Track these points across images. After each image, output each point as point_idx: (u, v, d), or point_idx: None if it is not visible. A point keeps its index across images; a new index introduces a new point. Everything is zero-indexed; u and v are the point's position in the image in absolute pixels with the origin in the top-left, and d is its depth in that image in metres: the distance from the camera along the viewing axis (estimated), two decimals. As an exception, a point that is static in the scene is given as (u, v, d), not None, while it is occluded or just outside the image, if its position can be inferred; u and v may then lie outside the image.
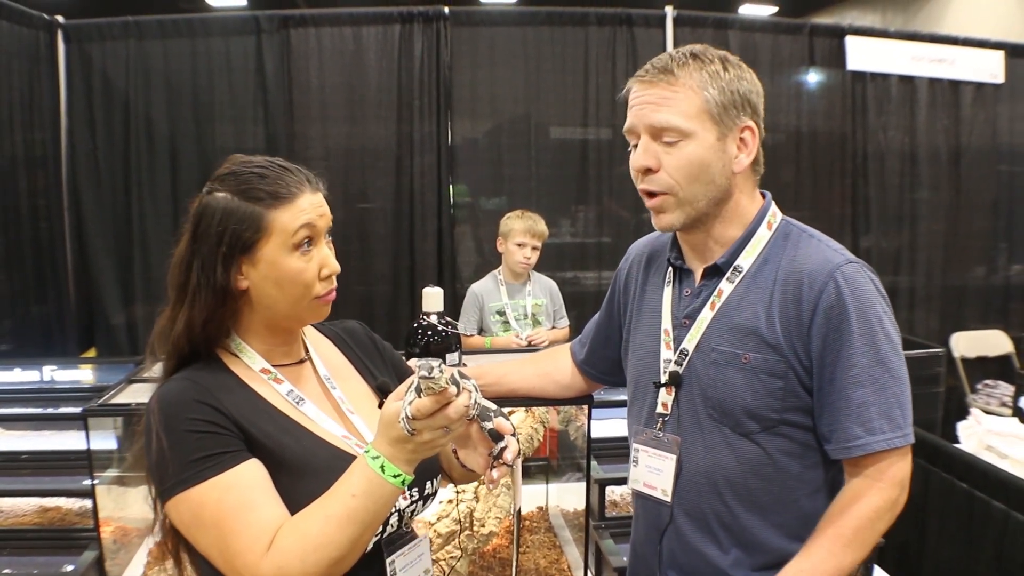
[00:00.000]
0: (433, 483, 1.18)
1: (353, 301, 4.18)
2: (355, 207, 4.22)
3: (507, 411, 1.13)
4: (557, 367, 1.61)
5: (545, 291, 3.37)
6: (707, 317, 1.24)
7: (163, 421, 0.99)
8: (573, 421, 2.44)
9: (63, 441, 2.44)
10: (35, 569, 1.98)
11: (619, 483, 2.12)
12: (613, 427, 2.13)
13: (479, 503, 1.98)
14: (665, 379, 1.27)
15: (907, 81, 4.60)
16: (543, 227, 3.24)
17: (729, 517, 1.22)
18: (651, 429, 1.30)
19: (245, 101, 4.15)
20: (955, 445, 2.60)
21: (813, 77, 4.59)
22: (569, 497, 2.42)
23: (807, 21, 5.15)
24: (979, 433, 2.63)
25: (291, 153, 4.08)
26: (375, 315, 4.22)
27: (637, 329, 1.39)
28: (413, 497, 1.13)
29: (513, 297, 3.29)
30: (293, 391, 1.11)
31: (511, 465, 1.09)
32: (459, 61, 4.25)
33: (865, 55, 4.51)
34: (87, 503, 2.07)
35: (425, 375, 0.90)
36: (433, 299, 1.66)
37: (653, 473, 1.28)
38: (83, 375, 3.06)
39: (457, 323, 1.35)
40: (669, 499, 1.26)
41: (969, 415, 2.76)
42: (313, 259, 1.07)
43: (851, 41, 4.49)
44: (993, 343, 4.75)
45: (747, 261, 1.24)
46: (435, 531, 1.95)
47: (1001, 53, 4.71)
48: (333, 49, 4.15)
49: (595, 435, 1.88)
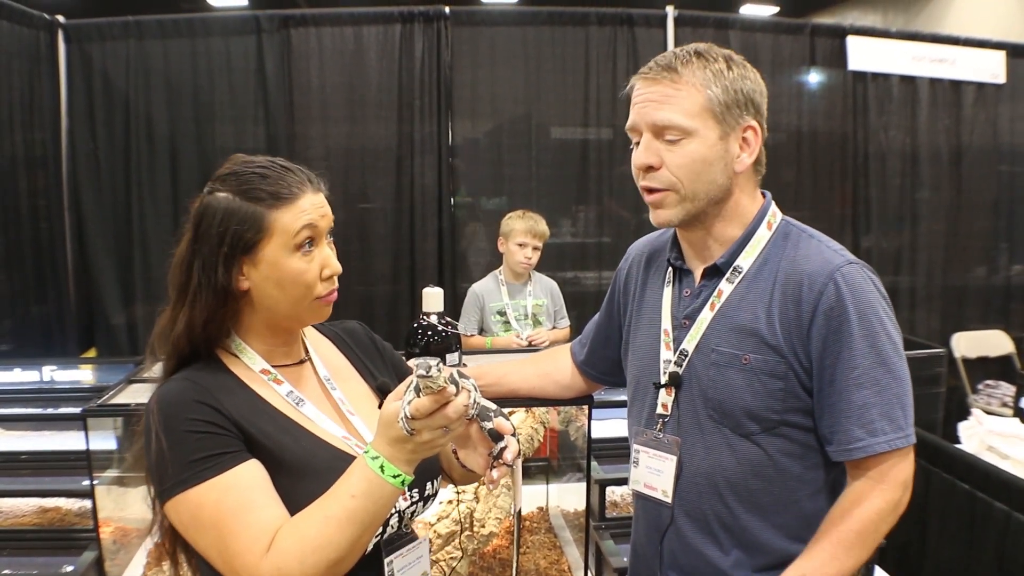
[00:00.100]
0: (434, 484, 1.17)
1: (353, 301, 4.17)
2: (355, 207, 4.22)
3: (507, 411, 1.12)
4: (557, 367, 1.60)
5: (546, 291, 3.36)
6: (707, 318, 1.24)
7: (163, 421, 0.99)
8: (573, 421, 2.43)
9: (63, 441, 2.43)
10: (34, 570, 1.98)
11: (619, 483, 2.12)
12: (613, 427, 2.12)
13: (479, 503, 1.97)
14: (665, 380, 1.27)
15: (908, 81, 4.60)
16: (544, 227, 3.24)
17: (730, 518, 1.22)
18: (651, 430, 1.29)
19: (245, 101, 4.15)
20: (956, 446, 2.60)
21: (814, 77, 4.58)
22: (569, 497, 2.42)
23: (808, 21, 5.15)
24: (980, 434, 2.63)
25: (291, 153, 4.07)
26: (375, 315, 4.22)
27: (637, 329, 1.38)
28: (413, 498, 1.13)
29: (514, 297, 3.28)
30: (293, 392, 1.10)
31: (511, 465, 1.09)
32: (460, 61, 4.24)
33: (866, 55, 4.51)
34: (86, 503, 2.07)
35: (423, 374, 0.90)
36: (433, 299, 1.65)
37: (653, 474, 1.28)
38: (83, 375, 3.06)
39: (457, 323, 1.35)
40: (670, 500, 1.26)
41: (970, 415, 2.76)
42: (314, 259, 1.07)
43: (852, 41, 4.49)
44: (994, 343, 4.74)
45: (747, 261, 1.24)
46: (435, 532, 1.95)
47: (1002, 53, 4.71)
48: (333, 49, 4.15)
49: (595, 435, 1.87)
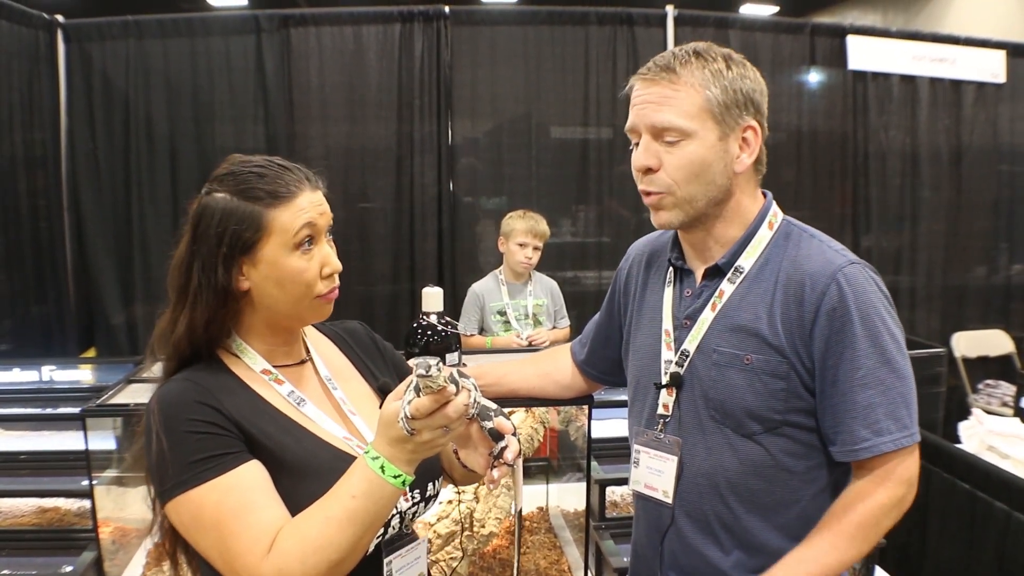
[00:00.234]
0: (435, 484, 1.17)
1: (353, 301, 4.17)
2: (355, 207, 4.22)
3: (507, 411, 1.12)
4: (557, 367, 1.60)
5: (546, 291, 3.36)
6: (708, 318, 1.24)
7: (163, 422, 0.99)
8: (573, 421, 2.43)
9: (62, 441, 2.43)
10: (34, 570, 1.97)
11: (619, 483, 2.11)
12: (613, 427, 2.12)
13: (479, 503, 1.97)
14: (666, 380, 1.27)
15: (908, 81, 4.60)
16: (545, 227, 3.24)
17: (731, 519, 1.21)
18: (652, 430, 1.29)
19: (245, 101, 4.14)
20: (956, 445, 2.59)
21: (814, 77, 4.58)
22: (569, 497, 2.42)
23: (808, 21, 5.15)
24: (981, 433, 2.63)
25: (291, 153, 4.07)
26: (375, 315, 4.22)
27: (637, 329, 1.38)
28: (415, 498, 1.13)
29: (514, 297, 3.28)
30: (294, 392, 1.10)
31: (512, 465, 1.09)
32: (459, 60, 4.24)
33: (866, 55, 4.50)
34: (86, 503, 2.06)
35: (423, 373, 0.89)
36: (433, 299, 1.65)
37: (654, 474, 1.28)
38: (82, 375, 3.05)
39: (457, 323, 1.34)
40: (670, 500, 1.26)
41: (970, 415, 2.76)
42: (314, 258, 1.07)
43: (852, 41, 4.49)
44: (994, 343, 4.75)
45: (748, 261, 1.23)
46: (435, 532, 1.94)
47: (1002, 53, 4.71)
48: (333, 48, 4.15)
49: (595, 435, 1.87)
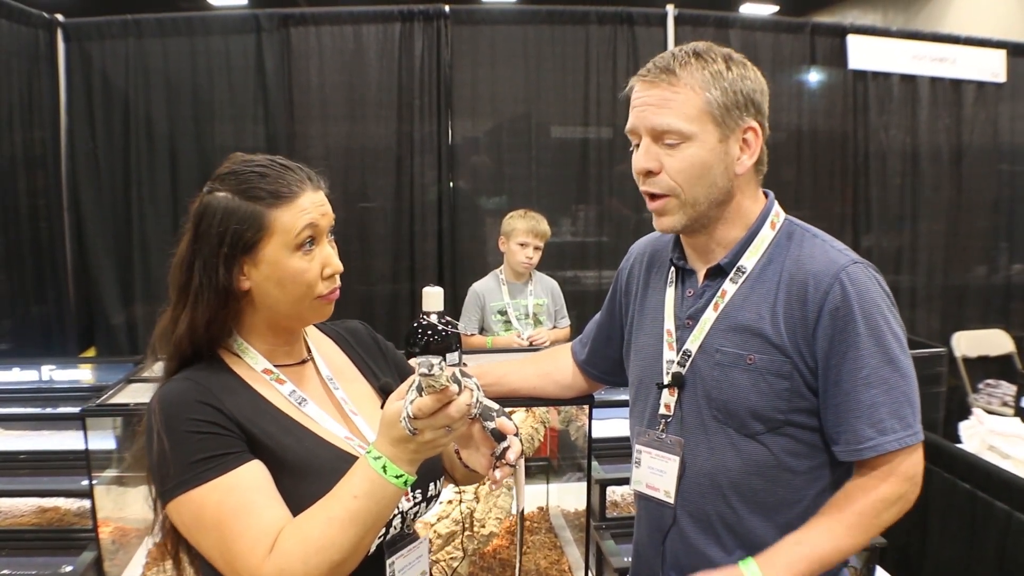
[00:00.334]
0: (437, 484, 1.17)
1: (353, 301, 4.17)
2: (355, 206, 4.21)
3: (508, 411, 1.12)
4: (558, 367, 1.60)
5: (547, 291, 3.36)
6: (710, 318, 1.23)
7: (164, 421, 0.98)
8: (574, 421, 2.43)
9: (62, 441, 2.43)
10: (33, 570, 1.97)
11: (620, 483, 2.12)
12: (614, 427, 2.12)
13: (479, 503, 1.97)
14: (668, 380, 1.26)
15: (908, 80, 4.60)
16: (546, 227, 3.23)
17: (733, 519, 1.21)
18: (653, 430, 1.29)
19: (245, 100, 4.14)
20: (957, 445, 2.59)
21: (814, 76, 4.58)
22: (569, 497, 2.42)
23: (808, 20, 5.15)
24: (981, 433, 2.63)
25: (291, 152, 4.07)
26: (375, 315, 4.21)
27: (639, 329, 1.38)
28: (416, 498, 1.12)
29: (515, 297, 3.28)
30: (295, 392, 1.10)
31: (514, 465, 1.09)
32: (459, 60, 4.24)
33: (866, 54, 4.50)
34: (86, 503, 2.06)
35: (426, 373, 0.89)
36: (433, 298, 1.64)
37: (656, 475, 1.27)
38: (82, 375, 3.06)
39: (457, 323, 1.34)
40: (672, 501, 1.25)
41: (971, 415, 2.76)
42: (315, 258, 1.06)
43: (852, 40, 4.48)
44: (994, 343, 4.75)
45: (750, 261, 1.23)
46: (435, 532, 1.94)
47: (1003, 52, 4.70)
48: (333, 48, 4.14)
49: (596, 435, 1.87)
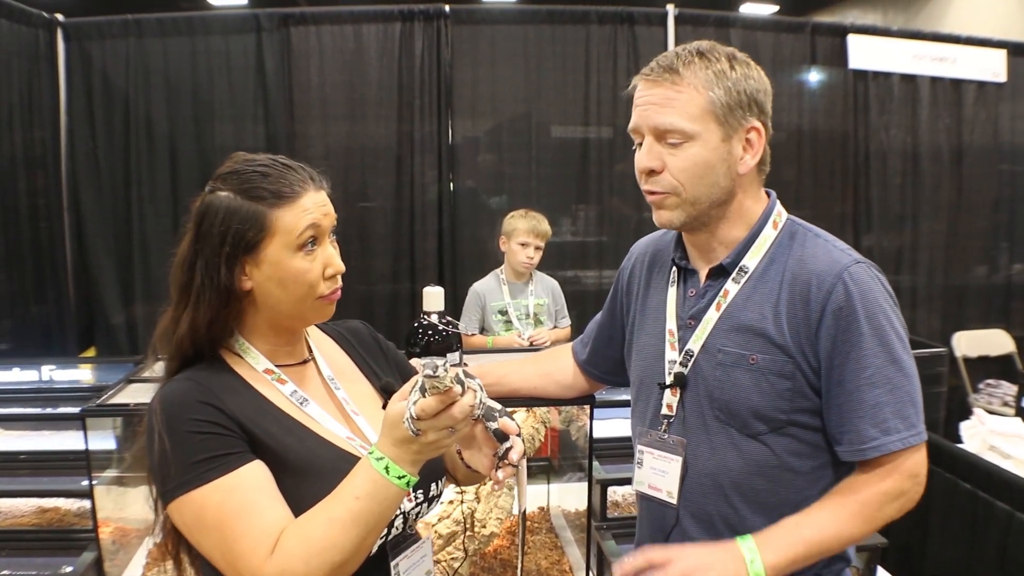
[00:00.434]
0: (438, 485, 1.17)
1: (353, 301, 4.17)
2: (355, 206, 4.21)
3: (509, 411, 1.12)
4: (559, 367, 1.60)
5: (547, 291, 3.36)
6: (713, 318, 1.23)
7: (165, 422, 0.98)
8: (574, 421, 2.43)
9: (62, 441, 2.43)
10: (33, 570, 1.96)
11: (621, 484, 2.11)
12: (615, 427, 2.12)
13: (480, 504, 1.97)
14: (670, 380, 1.26)
15: (909, 80, 4.60)
16: (546, 227, 3.23)
17: (735, 519, 1.21)
18: (656, 431, 1.29)
19: (245, 100, 4.14)
20: (958, 445, 2.59)
21: (815, 76, 4.58)
22: (570, 497, 2.41)
23: (809, 20, 5.14)
24: (982, 433, 2.63)
25: (291, 152, 4.06)
26: (375, 314, 4.21)
27: (641, 329, 1.37)
28: (418, 499, 1.12)
29: (515, 296, 3.28)
30: (297, 392, 1.09)
31: (517, 466, 1.08)
32: (460, 60, 4.23)
33: (867, 54, 4.50)
34: (86, 504, 2.05)
35: (430, 374, 0.89)
36: (434, 298, 1.64)
37: (658, 475, 1.27)
38: (82, 375, 3.05)
39: (458, 322, 1.34)
40: (675, 501, 1.25)
41: (971, 415, 2.76)
42: (317, 258, 1.06)
43: (853, 40, 4.48)
44: (995, 342, 4.74)
45: (753, 261, 1.23)
46: (436, 532, 1.94)
47: (1003, 52, 4.70)
48: (333, 47, 4.14)
49: (597, 435, 1.87)
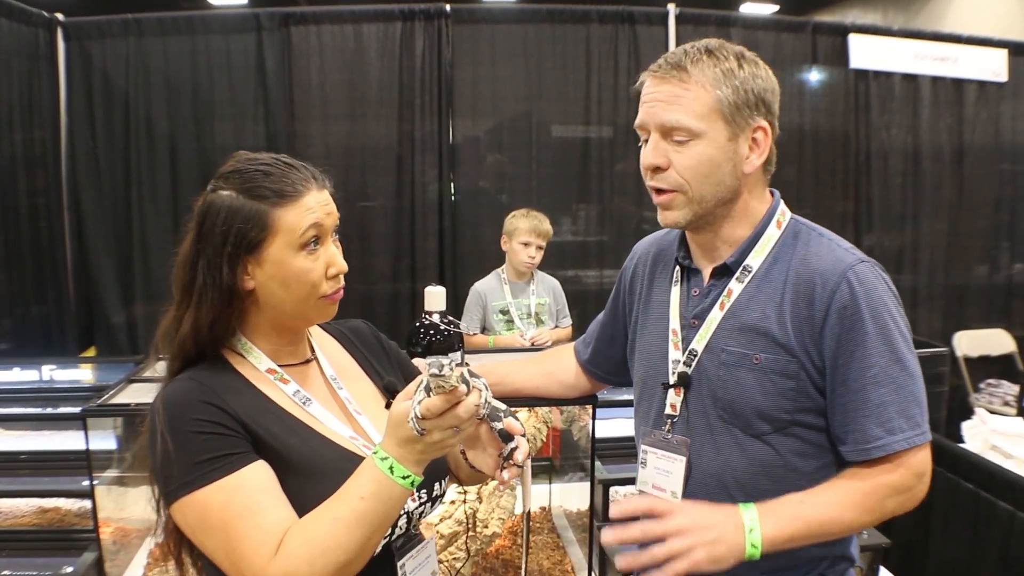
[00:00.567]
0: (442, 484, 1.16)
1: (354, 300, 4.16)
2: (356, 206, 4.20)
3: (512, 411, 1.11)
4: (561, 367, 1.59)
5: (548, 290, 3.35)
6: (716, 317, 1.23)
7: (168, 422, 0.98)
8: (576, 421, 2.42)
9: (62, 441, 2.42)
10: (34, 571, 1.96)
11: (623, 483, 2.11)
12: (616, 427, 2.11)
13: (482, 504, 1.96)
14: (674, 380, 1.26)
15: (910, 79, 4.59)
16: (548, 226, 3.23)
17: (739, 519, 1.20)
18: (659, 430, 1.28)
19: (245, 99, 4.13)
20: (960, 445, 2.59)
21: (816, 75, 4.57)
22: (572, 497, 2.41)
23: (810, 19, 5.14)
24: (984, 433, 2.63)
25: (291, 151, 4.00)
26: (376, 314, 4.20)
27: (644, 329, 1.37)
28: (422, 499, 1.12)
29: (517, 296, 3.27)
30: (300, 391, 1.09)
31: (522, 466, 1.08)
32: (460, 59, 4.23)
33: (868, 53, 4.49)
34: (86, 504, 2.05)
35: (436, 373, 0.89)
36: (435, 298, 1.63)
37: (662, 475, 1.27)
38: (83, 375, 3.05)
39: (459, 322, 1.33)
40: (679, 501, 1.24)
41: (973, 415, 2.76)
42: (320, 258, 1.06)
43: (854, 39, 4.48)
44: (996, 342, 4.74)
45: (756, 260, 1.23)
46: (438, 532, 1.93)
47: (1004, 51, 4.70)
48: (334, 47, 4.14)
49: (598, 435, 1.86)
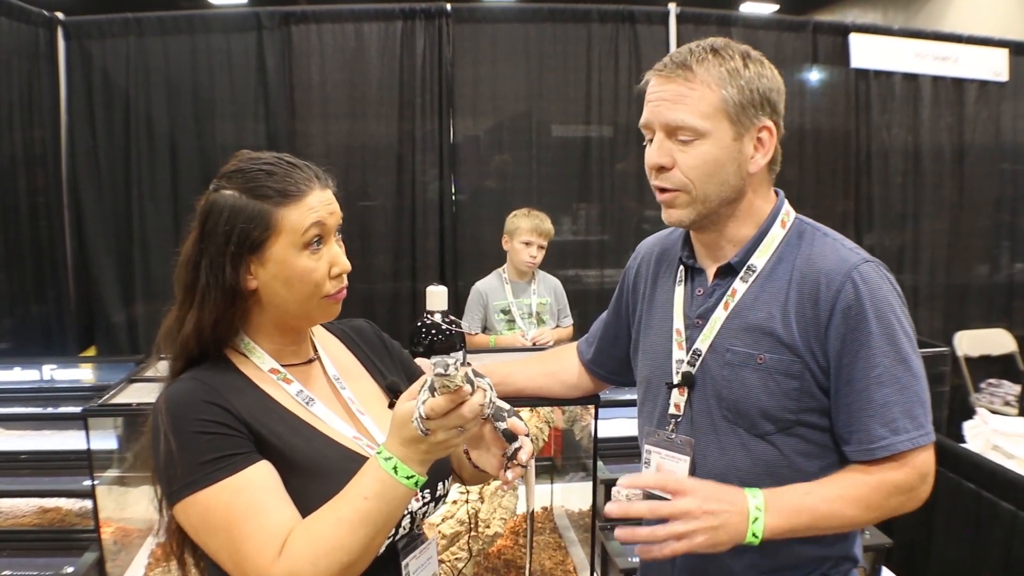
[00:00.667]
0: (445, 484, 1.16)
1: (354, 300, 4.11)
2: (356, 205, 4.20)
3: (516, 411, 1.11)
4: (563, 367, 1.59)
5: (550, 290, 3.35)
6: (721, 317, 1.22)
7: (171, 422, 0.97)
8: (578, 421, 2.42)
9: (63, 441, 2.41)
10: (35, 571, 1.96)
11: (624, 484, 2.10)
12: (619, 427, 2.11)
13: (484, 504, 1.96)
14: (678, 380, 1.25)
15: (911, 79, 4.59)
16: (549, 226, 3.23)
17: (744, 519, 1.20)
18: (663, 430, 1.28)
19: (246, 98, 4.13)
20: (961, 445, 2.59)
21: (816, 75, 4.57)
22: (574, 497, 2.41)
23: (810, 19, 5.14)
24: (985, 433, 2.62)
25: (292, 150, 4.00)
26: (376, 313, 4.20)
27: (648, 329, 1.36)
28: (425, 498, 1.11)
29: (518, 296, 3.27)
30: (303, 391, 1.09)
31: (526, 466, 1.08)
32: (461, 58, 4.23)
33: (869, 53, 4.49)
34: (87, 504, 2.05)
35: (441, 372, 0.88)
36: (437, 297, 1.63)
37: (666, 475, 1.26)
38: (83, 374, 3.04)
39: (461, 322, 1.33)
40: (689, 479, 1.24)
41: (974, 415, 2.76)
42: (323, 258, 1.06)
43: (855, 39, 4.47)
44: (997, 342, 4.74)
45: (761, 260, 1.22)
46: (440, 532, 1.93)
47: (1005, 51, 4.70)
48: (335, 46, 4.13)
49: (601, 435, 1.86)
